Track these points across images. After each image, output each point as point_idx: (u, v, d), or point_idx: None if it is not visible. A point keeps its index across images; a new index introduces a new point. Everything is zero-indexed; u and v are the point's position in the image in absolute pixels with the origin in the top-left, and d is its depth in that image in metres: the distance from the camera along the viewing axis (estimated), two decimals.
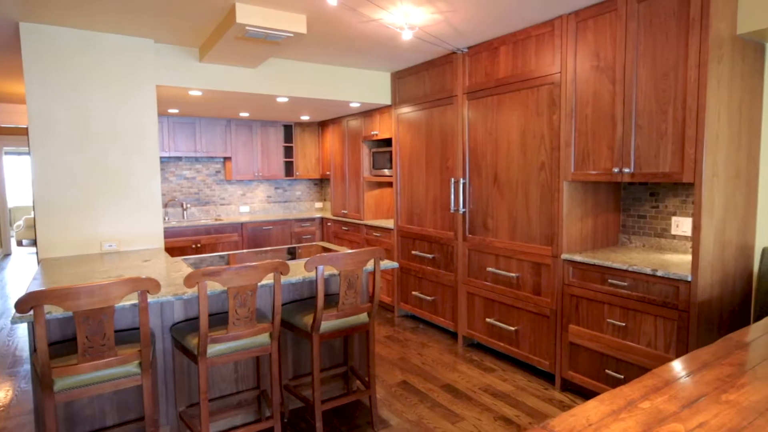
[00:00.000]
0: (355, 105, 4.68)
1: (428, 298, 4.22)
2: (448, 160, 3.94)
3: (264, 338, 2.26)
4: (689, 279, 2.37)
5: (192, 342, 2.17)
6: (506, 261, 3.43)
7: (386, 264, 2.77)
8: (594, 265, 2.79)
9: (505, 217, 3.42)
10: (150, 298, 2.06)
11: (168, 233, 5.13)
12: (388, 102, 4.63)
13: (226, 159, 5.91)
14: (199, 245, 5.31)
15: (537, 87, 3.13)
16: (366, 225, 5.14)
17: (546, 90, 3.07)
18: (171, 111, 4.90)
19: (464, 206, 3.77)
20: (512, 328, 3.38)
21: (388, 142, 5.30)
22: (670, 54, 2.43)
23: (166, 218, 5.63)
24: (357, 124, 5.27)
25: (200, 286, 1.99)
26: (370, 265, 2.75)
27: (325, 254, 2.33)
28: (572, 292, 2.95)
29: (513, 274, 3.36)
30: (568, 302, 2.99)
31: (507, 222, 3.41)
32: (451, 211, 3.85)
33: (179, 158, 5.75)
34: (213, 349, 2.12)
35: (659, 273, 2.47)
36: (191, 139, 5.52)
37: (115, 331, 2.29)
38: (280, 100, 4.24)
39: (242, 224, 5.58)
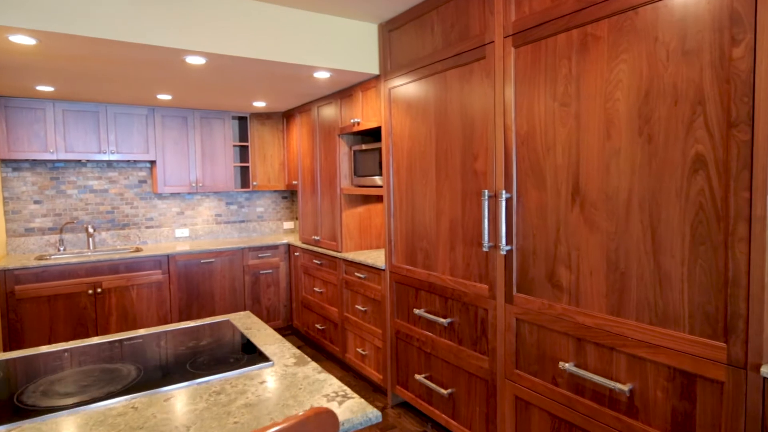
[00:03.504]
0: (322, 75, 3.01)
1: (442, 391, 2.51)
2: (476, 159, 2.26)
3: None
4: None
5: None
6: (603, 355, 1.73)
7: None
8: None
9: (600, 267, 1.72)
10: None
11: (51, 273, 3.42)
12: (375, 70, 2.96)
13: (153, 164, 4.23)
14: (99, 291, 3.60)
15: None
16: (345, 260, 3.45)
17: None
18: (42, 89, 3.22)
19: (508, 241, 2.08)
20: None
21: (377, 134, 3.62)
22: None
23: (61, 248, 3.93)
24: (331, 112, 3.60)
25: None
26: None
27: None
28: None
29: (621, 387, 1.65)
30: None
31: (604, 276, 1.71)
32: (484, 248, 2.16)
33: (81, 163, 4.06)
34: None
35: None
36: (93, 135, 3.83)
37: None
38: (192, 61, 2.56)
39: (169, 257, 3.87)
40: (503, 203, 2.07)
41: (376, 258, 3.21)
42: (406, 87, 2.71)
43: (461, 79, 2.31)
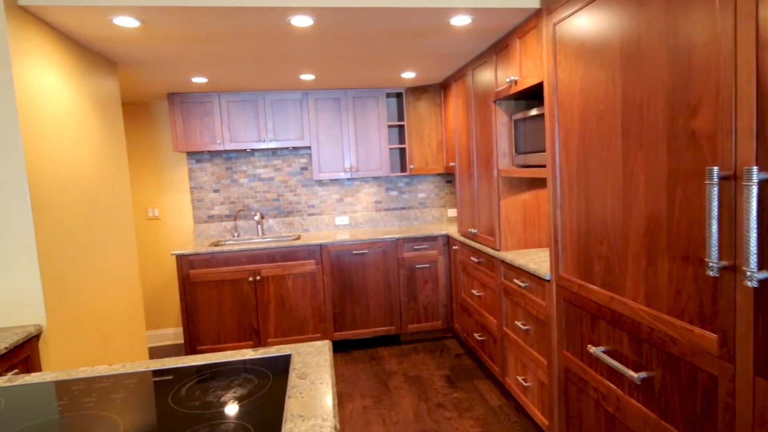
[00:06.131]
0: (461, 22, 2.30)
1: None
2: (695, 112, 1.29)
3: None
4: None
5: None
6: None
7: None
8: None
9: None
10: None
11: (217, 260, 3.59)
12: (533, 2, 2.12)
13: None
14: (258, 278, 3.65)
15: None
16: (503, 261, 2.71)
17: None
18: (197, 80, 3.29)
19: (762, 262, 1.10)
20: None
21: (542, 96, 2.73)
22: None
23: (235, 234, 4.15)
24: (486, 75, 2.84)
25: None
26: None
27: None
28: None
29: None
30: None
31: None
32: (710, 269, 1.21)
33: (249, 152, 4.19)
34: None
35: None
36: (253, 124, 3.88)
37: None
38: (297, 23, 2.16)
39: (321, 247, 3.71)
40: (754, 191, 1.09)
41: (542, 262, 2.40)
42: (576, 18, 1.82)
43: None
